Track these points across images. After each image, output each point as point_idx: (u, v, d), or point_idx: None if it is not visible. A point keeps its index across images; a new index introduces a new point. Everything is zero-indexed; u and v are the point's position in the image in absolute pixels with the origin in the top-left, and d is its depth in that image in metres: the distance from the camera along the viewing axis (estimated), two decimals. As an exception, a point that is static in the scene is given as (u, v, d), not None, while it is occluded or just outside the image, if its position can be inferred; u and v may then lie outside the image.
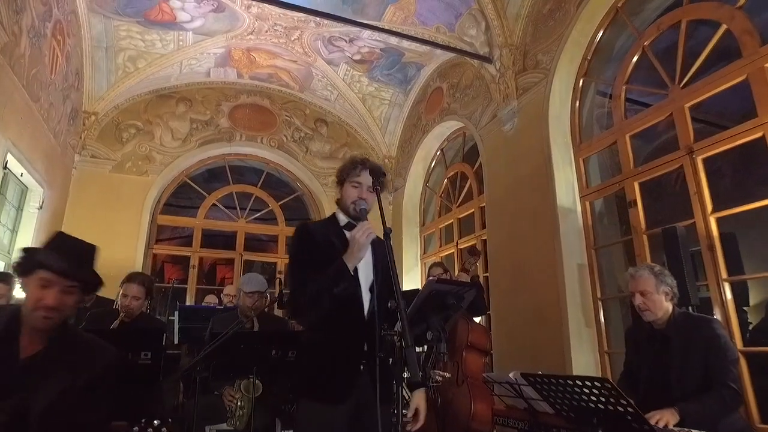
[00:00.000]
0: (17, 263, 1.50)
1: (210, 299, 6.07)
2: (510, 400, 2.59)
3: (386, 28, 5.61)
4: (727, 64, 3.28)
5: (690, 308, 2.85)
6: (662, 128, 6.36)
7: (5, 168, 4.36)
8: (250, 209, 7.82)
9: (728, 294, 3.11)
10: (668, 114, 3.72)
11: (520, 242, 4.82)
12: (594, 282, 4.28)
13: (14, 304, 1.75)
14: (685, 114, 3.55)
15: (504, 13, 5.16)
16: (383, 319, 1.79)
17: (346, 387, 1.75)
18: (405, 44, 6.48)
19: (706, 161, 3.42)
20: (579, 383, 1.84)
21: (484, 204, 5.72)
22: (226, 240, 8.36)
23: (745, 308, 4.11)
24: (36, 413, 1.26)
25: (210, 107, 7.48)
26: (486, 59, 5.45)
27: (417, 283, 7.09)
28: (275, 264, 8.09)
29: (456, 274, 4.95)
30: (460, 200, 6.56)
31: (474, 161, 6.28)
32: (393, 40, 6.36)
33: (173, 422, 3.26)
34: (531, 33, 5.06)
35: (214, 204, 7.66)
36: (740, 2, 3.26)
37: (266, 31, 6.35)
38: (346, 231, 1.93)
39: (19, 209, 5.18)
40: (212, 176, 8.35)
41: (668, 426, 1.92)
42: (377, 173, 1.99)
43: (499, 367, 4.80)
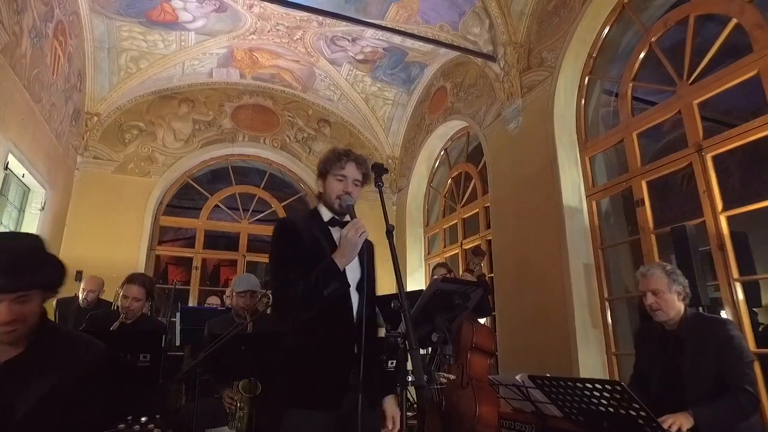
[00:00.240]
0: None
1: (212, 300, 6.05)
2: (517, 403, 2.54)
3: (389, 27, 5.56)
4: (736, 61, 3.22)
5: (701, 309, 2.79)
6: (668, 128, 6.30)
7: (6, 169, 4.34)
8: (253, 210, 7.79)
9: (740, 294, 3.04)
10: (676, 111, 3.65)
11: (526, 242, 4.76)
12: (601, 282, 4.21)
13: None
14: (694, 111, 3.48)
15: (508, 11, 5.11)
16: (373, 320, 1.72)
17: (337, 392, 1.65)
18: (408, 43, 6.44)
19: (716, 159, 3.35)
20: (589, 386, 1.79)
21: (489, 204, 5.67)
22: (230, 241, 8.33)
23: (756, 309, 4.04)
24: (19, 418, 1.22)
25: (213, 108, 7.46)
26: (490, 57, 5.40)
27: (421, 285, 7.03)
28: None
29: (461, 275, 4.90)
30: (465, 200, 6.50)
31: (478, 161, 6.23)
32: (396, 39, 6.31)
33: (173, 424, 3.22)
34: (535, 30, 5.00)
35: (217, 205, 7.63)
36: (750, -4, 3.20)
37: (268, 31, 6.31)
38: (331, 227, 1.84)
39: (21, 210, 5.16)
40: (215, 177, 8.33)
41: (682, 430, 1.86)
42: (363, 165, 1.90)
43: (504, 369, 4.74)
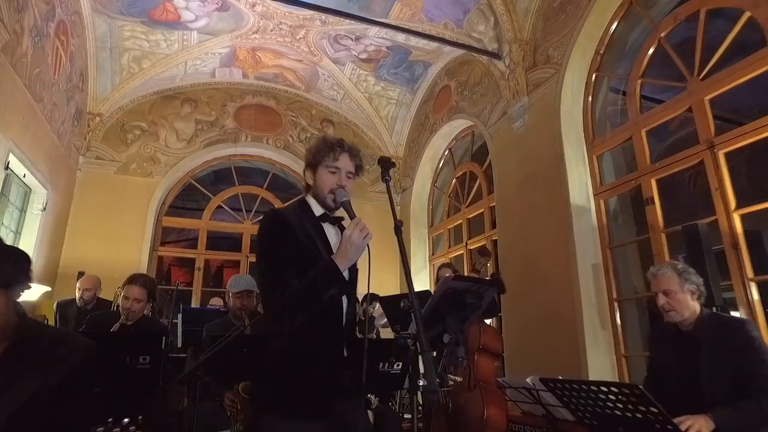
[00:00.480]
0: None
1: (215, 302, 5.99)
2: (526, 406, 2.47)
3: (393, 24, 5.50)
4: (746, 57, 3.14)
5: (714, 309, 2.71)
6: (674, 127, 6.23)
7: (7, 168, 4.30)
8: (256, 211, 7.73)
9: (755, 294, 2.97)
10: (687, 107, 3.58)
11: (532, 242, 4.69)
12: (609, 282, 4.14)
13: None
14: (705, 107, 3.41)
15: (513, 8, 5.05)
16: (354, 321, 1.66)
17: (328, 399, 1.56)
18: (412, 42, 6.38)
19: (728, 156, 3.28)
20: (605, 389, 1.72)
21: (494, 204, 5.61)
22: (232, 242, 8.28)
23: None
24: (2, 420, 1.16)
25: (215, 108, 7.42)
26: (495, 55, 5.34)
27: (425, 285, 6.96)
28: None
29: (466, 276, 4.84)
30: (469, 200, 6.43)
31: (483, 160, 6.16)
32: (400, 38, 6.26)
33: (175, 426, 3.17)
34: (541, 27, 4.94)
35: (220, 206, 7.59)
36: (764, -11, 3.13)
37: (271, 30, 6.27)
38: (322, 223, 1.75)
39: (23, 211, 5.12)
40: (218, 178, 8.28)
41: (701, 434, 1.79)
42: (357, 156, 1.79)
43: (511, 371, 4.66)
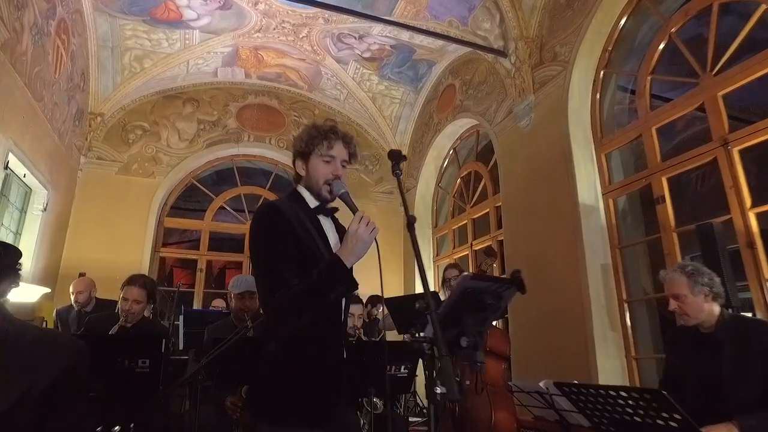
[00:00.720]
0: None
1: (217, 303, 5.92)
2: (538, 411, 2.39)
3: (398, 22, 5.43)
4: (759, 52, 3.06)
5: (730, 310, 2.63)
6: (680, 126, 6.14)
7: (6, 168, 4.24)
8: (259, 212, 7.65)
9: (773, 295, 2.88)
10: (699, 104, 3.49)
11: (539, 242, 4.60)
12: (619, 283, 4.06)
13: None
14: (719, 103, 3.33)
15: (519, 5, 4.97)
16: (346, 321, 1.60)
17: (330, 406, 1.48)
18: (416, 40, 6.31)
19: (743, 153, 3.19)
20: (624, 394, 1.64)
21: (500, 204, 5.53)
22: (235, 243, 8.22)
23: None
24: None
25: (217, 108, 7.36)
26: (501, 53, 5.26)
27: (430, 287, 6.87)
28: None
29: (472, 276, 4.76)
30: (474, 200, 6.36)
31: (488, 160, 6.09)
32: (404, 36, 6.19)
33: (176, 430, 3.10)
34: (548, 25, 4.86)
35: (222, 207, 7.52)
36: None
37: (274, 29, 6.21)
38: (318, 216, 1.66)
39: (23, 211, 5.06)
40: (220, 178, 8.22)
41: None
42: (351, 144, 1.70)
43: (518, 374, 4.57)
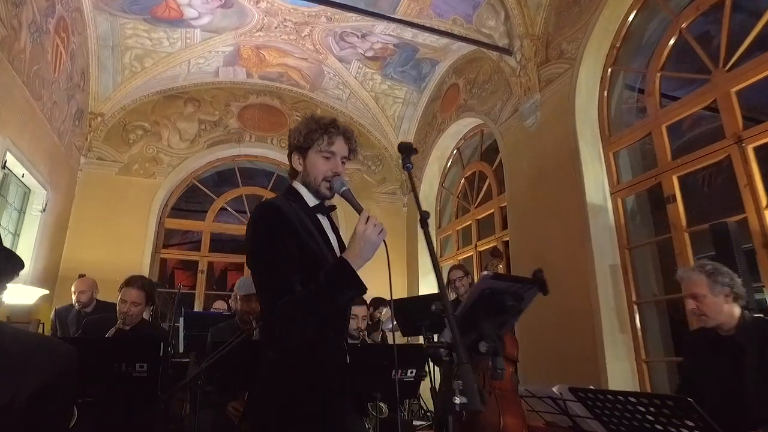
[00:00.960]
0: None
1: (219, 305, 5.84)
2: (550, 416, 2.30)
3: (401, 19, 5.35)
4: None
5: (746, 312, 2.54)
6: (686, 126, 6.05)
7: (4, 168, 4.17)
8: (260, 212, 7.58)
9: (790, 296, 2.80)
10: (711, 100, 3.41)
11: (546, 243, 4.52)
12: (628, 284, 3.98)
13: None
14: (732, 99, 3.24)
15: (525, 2, 4.90)
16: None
17: (334, 414, 1.42)
18: (420, 39, 6.24)
19: (757, 150, 3.11)
20: (645, 401, 1.56)
21: (505, 204, 5.45)
22: (236, 244, 8.14)
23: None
24: None
25: (219, 108, 7.29)
26: (506, 51, 5.18)
27: (434, 288, 6.80)
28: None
29: (479, 278, 4.68)
30: (479, 200, 6.28)
31: (493, 160, 6.01)
32: (407, 35, 6.12)
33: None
34: (554, 22, 4.78)
35: (224, 207, 7.45)
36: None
37: (276, 28, 6.14)
38: (318, 215, 1.58)
39: (22, 212, 4.99)
40: (222, 180, 8.15)
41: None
42: (351, 139, 1.61)
43: (525, 377, 4.48)
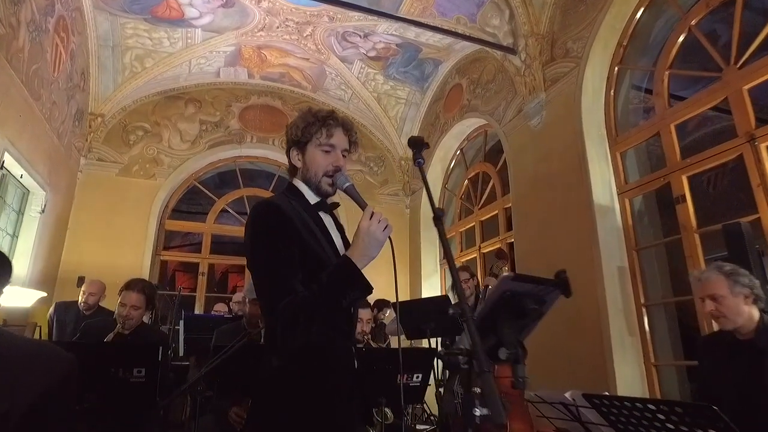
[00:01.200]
0: None
1: (219, 308, 5.78)
2: (562, 423, 2.23)
3: (404, 17, 5.30)
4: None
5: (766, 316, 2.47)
6: (691, 128, 5.98)
7: (2, 168, 4.11)
8: (262, 214, 7.51)
9: (806, 298, 2.72)
10: (722, 98, 3.34)
11: (552, 244, 4.45)
12: (636, 286, 3.90)
13: None
14: (744, 97, 3.17)
15: (530, 0, 4.83)
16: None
17: (346, 422, 1.36)
18: (422, 39, 6.18)
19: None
20: (665, 409, 1.48)
21: (509, 205, 5.38)
22: (238, 246, 8.08)
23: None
24: None
25: (220, 108, 7.23)
26: (510, 50, 5.12)
27: (437, 290, 6.73)
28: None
29: (482, 280, 4.61)
30: (483, 202, 6.20)
31: (497, 160, 5.94)
32: (410, 34, 6.06)
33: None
34: (559, 20, 4.72)
35: (225, 209, 7.39)
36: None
37: (277, 27, 6.08)
38: (321, 213, 1.51)
39: (20, 213, 4.93)
40: (223, 182, 8.10)
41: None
42: (352, 131, 1.54)
43: (531, 381, 4.40)
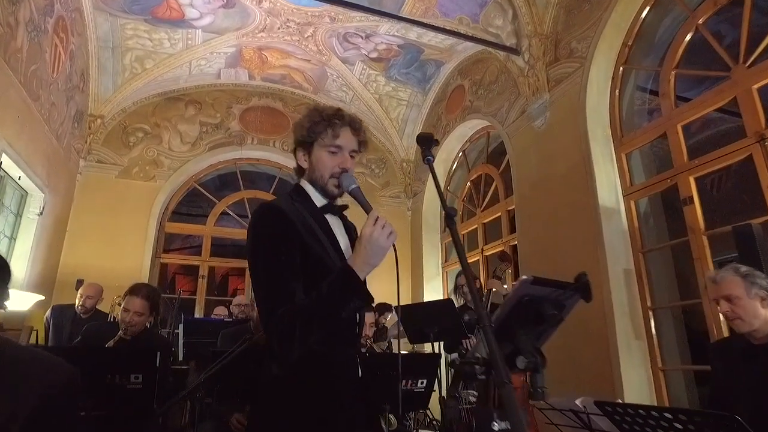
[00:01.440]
0: None
1: (219, 311, 5.71)
2: (570, 431, 2.16)
3: (406, 17, 5.25)
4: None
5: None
6: (695, 129, 5.92)
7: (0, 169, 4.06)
8: (262, 216, 7.46)
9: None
10: (731, 98, 3.28)
11: (557, 247, 4.39)
12: (643, 289, 3.84)
13: None
14: (754, 96, 3.12)
15: (533, 0, 4.79)
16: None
17: (348, 429, 1.34)
18: (425, 40, 6.14)
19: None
20: (683, 417, 1.42)
21: (512, 207, 5.32)
22: (238, 249, 8.03)
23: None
24: None
25: (220, 110, 7.19)
26: (513, 51, 5.07)
27: (439, 294, 6.67)
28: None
29: (486, 283, 4.54)
30: (485, 204, 6.15)
31: (499, 162, 5.89)
32: (412, 35, 6.02)
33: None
34: (563, 20, 4.67)
35: (225, 211, 7.33)
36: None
37: (278, 28, 6.04)
38: (326, 215, 1.45)
39: (18, 215, 4.88)
40: (223, 184, 8.05)
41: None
42: (360, 130, 1.48)
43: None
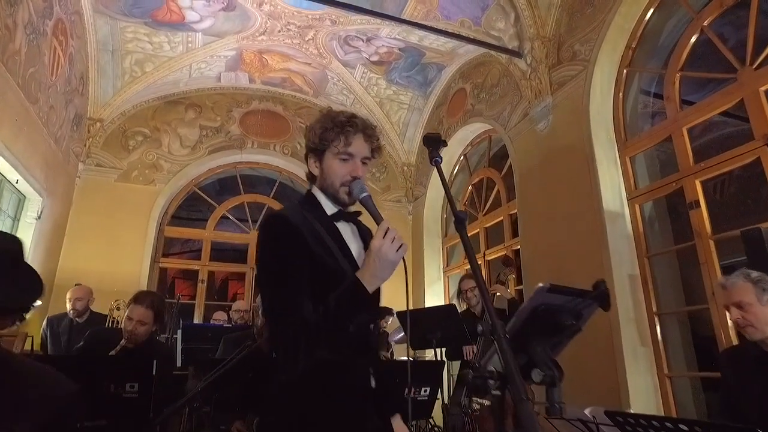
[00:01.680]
0: None
1: (219, 316, 5.65)
2: (578, 441, 2.11)
3: (407, 20, 5.22)
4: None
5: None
6: (697, 132, 5.88)
7: (-4, 172, 4.02)
8: (263, 221, 7.42)
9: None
10: (738, 100, 3.24)
11: (560, 251, 4.34)
12: (648, 295, 3.78)
13: None
14: (761, 98, 3.07)
15: (536, 3, 4.76)
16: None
17: None
18: (426, 43, 6.11)
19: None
20: (699, 429, 1.37)
21: (515, 211, 5.28)
22: (238, 254, 7.98)
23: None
24: None
25: (221, 113, 7.15)
26: (516, 53, 5.04)
27: (440, 299, 6.61)
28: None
29: (490, 288, 4.49)
30: (487, 208, 6.10)
31: (501, 166, 5.85)
32: (413, 38, 5.99)
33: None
34: (566, 22, 4.64)
35: (225, 216, 7.28)
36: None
37: (279, 31, 6.01)
38: (336, 223, 1.41)
39: (16, 219, 4.83)
40: (223, 188, 8.00)
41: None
42: (373, 136, 1.43)
43: (540, 394, 4.28)
